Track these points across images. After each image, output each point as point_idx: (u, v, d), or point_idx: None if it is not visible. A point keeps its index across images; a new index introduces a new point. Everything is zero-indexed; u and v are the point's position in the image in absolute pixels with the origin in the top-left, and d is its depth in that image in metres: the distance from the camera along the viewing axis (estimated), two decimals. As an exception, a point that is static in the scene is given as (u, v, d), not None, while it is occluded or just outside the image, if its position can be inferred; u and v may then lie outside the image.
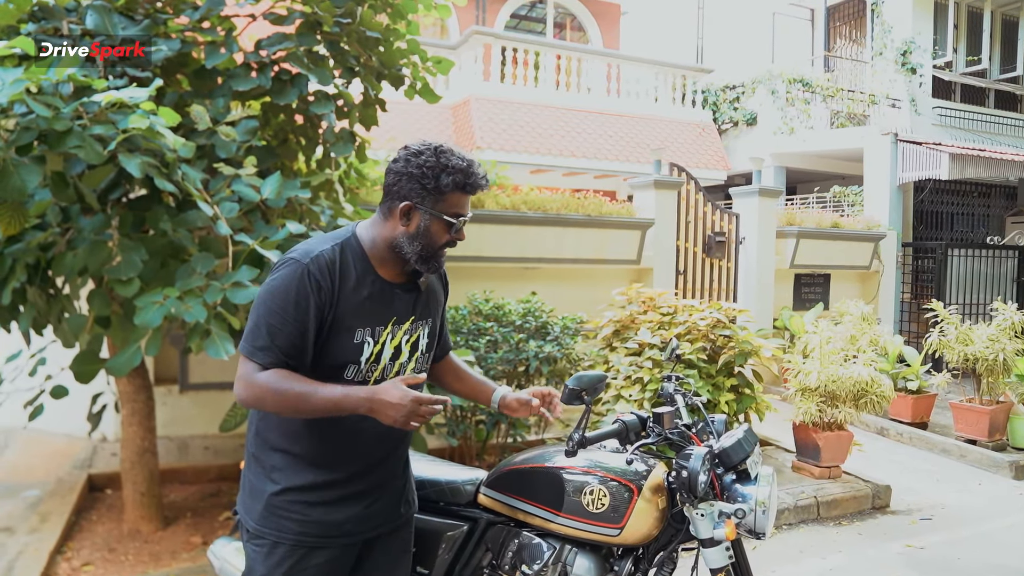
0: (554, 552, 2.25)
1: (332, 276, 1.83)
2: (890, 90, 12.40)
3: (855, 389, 5.38)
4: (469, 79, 11.35)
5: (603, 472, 2.24)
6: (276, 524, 1.91)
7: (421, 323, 2.04)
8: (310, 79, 4.01)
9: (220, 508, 4.71)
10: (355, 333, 1.87)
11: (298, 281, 1.80)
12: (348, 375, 1.89)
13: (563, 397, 2.12)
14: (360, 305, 1.87)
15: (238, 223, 3.54)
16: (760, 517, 2.12)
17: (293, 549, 1.90)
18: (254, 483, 1.97)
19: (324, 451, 1.92)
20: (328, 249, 1.86)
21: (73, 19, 3.57)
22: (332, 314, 1.83)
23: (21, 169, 2.87)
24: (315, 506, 1.91)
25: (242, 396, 1.81)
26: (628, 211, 7.96)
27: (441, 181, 1.84)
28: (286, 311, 1.79)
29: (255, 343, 1.80)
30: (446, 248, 1.94)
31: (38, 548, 3.89)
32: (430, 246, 1.90)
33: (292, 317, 1.79)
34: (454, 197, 1.87)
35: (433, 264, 1.93)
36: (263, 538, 1.92)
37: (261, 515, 1.92)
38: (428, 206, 1.86)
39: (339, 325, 1.84)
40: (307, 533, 1.91)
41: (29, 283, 3.45)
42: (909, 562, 4.37)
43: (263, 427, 1.97)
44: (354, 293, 1.86)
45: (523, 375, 5.22)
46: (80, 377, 3.46)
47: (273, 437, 1.94)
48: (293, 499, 1.91)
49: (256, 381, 1.78)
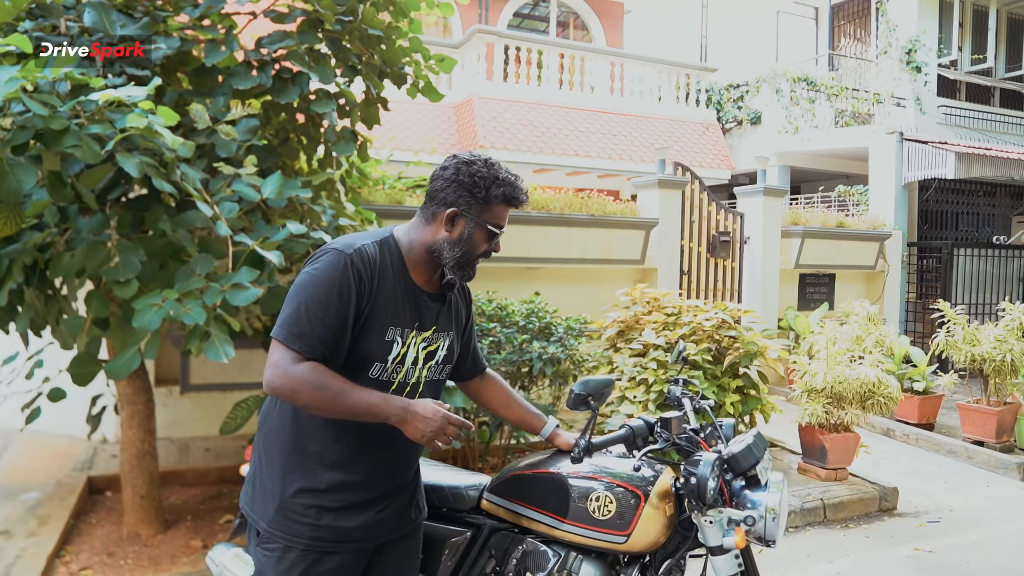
0: (559, 559, 2.20)
1: (373, 270, 1.84)
2: (895, 89, 12.33)
3: (861, 390, 5.33)
4: (472, 78, 11.31)
5: (609, 478, 2.19)
6: (288, 528, 1.88)
7: (442, 335, 2.04)
8: (311, 77, 3.97)
9: (221, 511, 4.67)
10: (387, 330, 1.88)
11: (341, 271, 1.80)
12: (373, 373, 1.88)
13: (569, 402, 2.08)
14: (395, 303, 1.89)
15: (238, 223, 3.50)
16: (770, 524, 2.07)
17: (305, 554, 1.88)
18: (267, 484, 1.93)
19: (342, 454, 1.90)
20: (370, 244, 1.88)
21: (71, 16, 3.53)
22: (369, 308, 1.84)
23: (17, 169, 2.82)
24: (329, 511, 1.89)
25: (275, 384, 1.77)
26: (632, 211, 7.91)
27: (491, 192, 1.89)
28: (329, 300, 1.78)
29: (293, 330, 1.78)
30: (481, 258, 1.96)
31: (36, 552, 3.85)
32: (469, 253, 1.93)
33: (335, 306, 1.78)
34: (499, 209, 1.93)
35: (468, 272, 1.96)
36: (275, 542, 1.90)
37: (274, 518, 1.90)
38: (474, 215, 1.90)
39: (374, 321, 1.85)
40: (320, 538, 1.88)
41: (27, 284, 3.41)
42: (918, 566, 4.32)
43: (279, 428, 1.94)
44: (391, 292, 1.89)
45: (527, 376, 5.17)
46: (78, 379, 3.42)
47: (289, 438, 1.92)
48: (308, 502, 1.88)
49: (294, 372, 1.75)
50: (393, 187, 6.80)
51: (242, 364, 5.86)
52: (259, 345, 4.72)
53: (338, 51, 4.20)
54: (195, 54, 3.99)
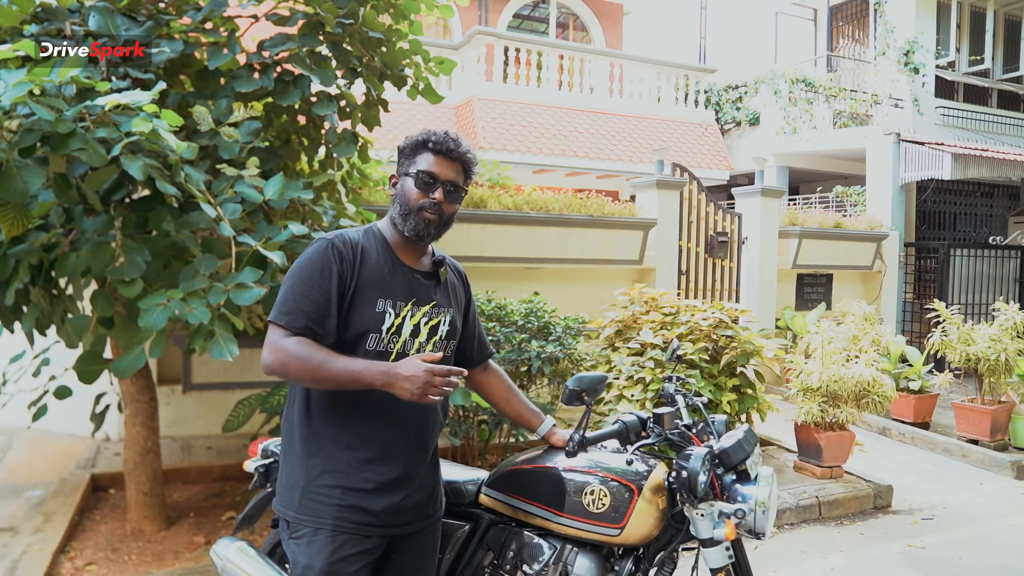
0: (555, 552, 2.26)
1: (355, 251, 1.99)
2: (893, 90, 12.38)
3: (857, 389, 5.38)
4: (472, 79, 11.36)
5: (604, 472, 2.24)
6: (315, 510, 1.96)
7: (443, 310, 2.13)
8: (312, 80, 4.02)
9: (223, 508, 4.73)
10: (376, 302, 1.98)
11: (323, 253, 1.96)
12: (369, 345, 1.97)
13: (564, 398, 2.13)
14: (381, 277, 2.01)
15: (241, 224, 3.55)
16: (760, 517, 2.12)
17: (333, 535, 1.94)
18: (290, 474, 2.03)
19: (356, 433, 1.98)
20: (353, 232, 2.07)
21: (76, 20, 3.58)
22: (354, 283, 1.97)
23: (24, 171, 2.88)
24: (352, 491, 1.96)
25: (267, 361, 1.90)
26: (631, 211, 7.97)
27: (409, 142, 2.08)
28: (312, 279, 1.93)
29: (281, 308, 1.93)
30: (427, 211, 2.03)
31: (42, 548, 3.90)
32: (406, 204, 2.04)
33: (317, 283, 1.93)
34: (423, 157, 2.04)
35: (410, 223, 2.03)
36: (303, 527, 1.97)
37: (299, 503, 1.98)
38: (404, 168, 2.08)
39: (361, 295, 1.97)
40: (345, 519, 1.95)
41: (32, 284, 3.46)
42: (911, 562, 4.37)
43: (297, 420, 2.03)
44: (376, 268, 2.01)
45: (525, 375, 5.22)
46: (84, 377, 3.47)
47: (306, 426, 2.01)
48: (330, 483, 1.96)
49: (281, 345, 1.88)
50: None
51: (244, 363, 5.92)
52: (260, 344, 4.76)
53: (339, 53, 4.25)
54: (198, 57, 4.05)
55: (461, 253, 6.34)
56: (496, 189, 7.43)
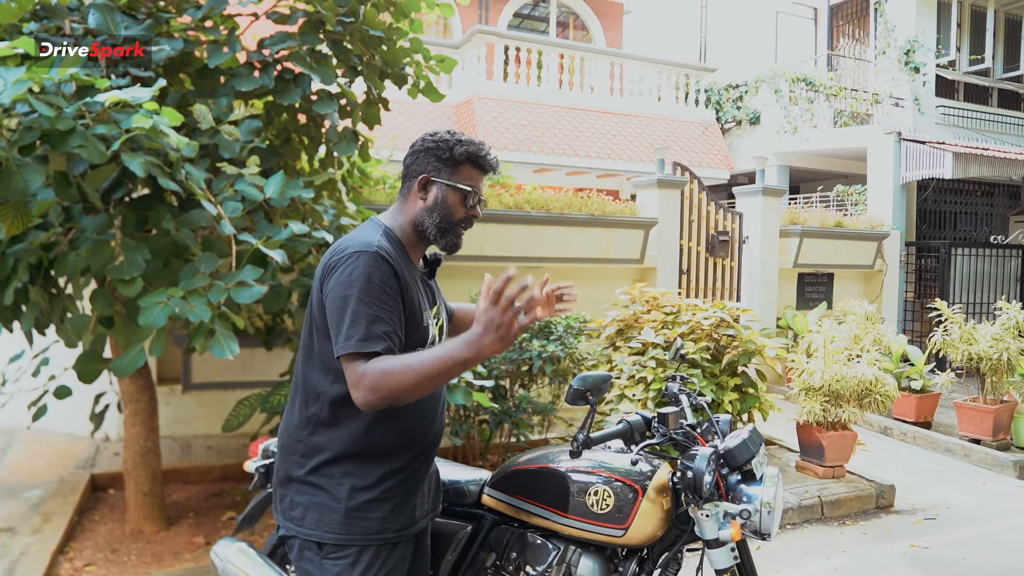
0: (558, 553, 2.24)
1: (398, 263, 1.84)
2: (893, 89, 12.37)
3: (859, 388, 5.37)
4: (472, 78, 11.34)
5: (608, 472, 2.23)
6: (362, 528, 1.87)
7: (442, 307, 2.12)
8: (313, 78, 4.00)
9: (223, 508, 4.71)
10: (422, 316, 1.91)
11: (378, 268, 1.77)
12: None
13: (568, 397, 2.10)
14: (416, 290, 1.92)
15: (241, 223, 3.53)
16: (765, 518, 2.10)
17: (378, 552, 1.89)
18: (323, 500, 1.89)
19: (380, 442, 1.90)
20: (380, 237, 1.86)
21: (75, 18, 3.56)
22: (404, 298, 1.84)
23: (24, 169, 2.86)
24: (390, 500, 1.91)
25: (361, 399, 1.69)
26: (631, 210, 7.95)
27: (455, 151, 1.94)
28: (378, 297, 1.75)
29: (359, 337, 1.70)
30: (463, 225, 1.98)
31: (40, 548, 3.88)
32: (448, 218, 1.95)
33: (386, 301, 1.76)
34: (467, 170, 1.96)
35: (451, 239, 1.97)
36: (347, 548, 1.87)
37: (342, 524, 1.87)
38: (444, 177, 1.94)
39: (411, 311, 1.87)
40: (389, 529, 1.91)
41: (31, 283, 3.45)
42: (914, 562, 4.35)
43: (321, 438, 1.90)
44: (411, 279, 1.91)
45: (526, 375, 5.21)
46: (83, 377, 3.45)
47: (332, 450, 1.89)
48: (372, 497, 1.88)
49: (364, 372, 1.68)
50: (394, 187, 6.83)
51: (244, 363, 5.91)
52: (260, 344, 4.76)
53: (339, 52, 4.23)
54: (198, 55, 4.03)
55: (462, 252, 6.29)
56: (497, 188, 7.41)
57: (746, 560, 2.20)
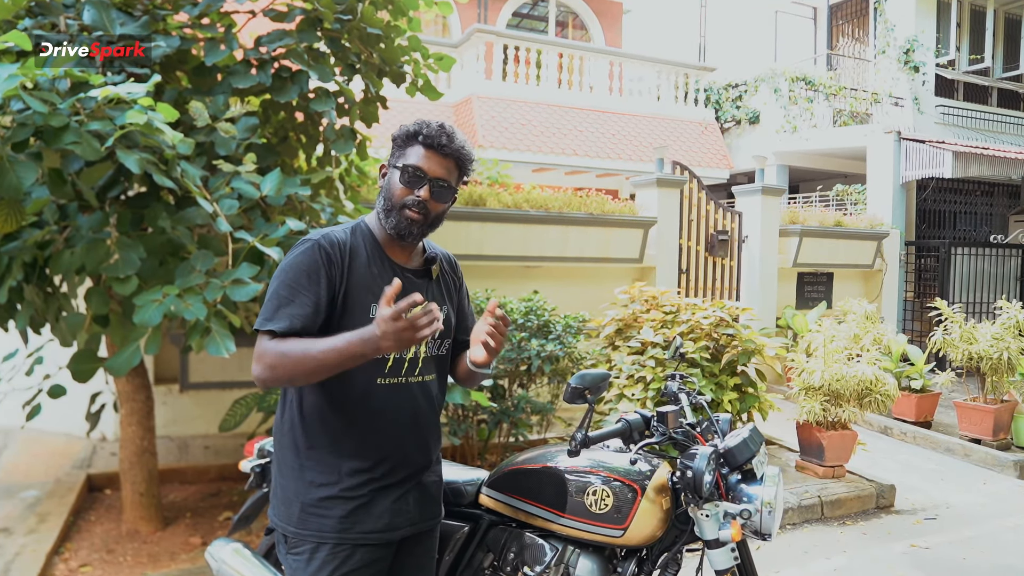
0: (556, 553, 2.21)
1: (343, 252, 1.87)
2: (893, 88, 12.35)
3: (859, 388, 5.35)
4: (471, 77, 11.32)
5: (606, 472, 2.20)
6: (317, 524, 1.86)
7: (443, 310, 2.04)
8: (311, 76, 3.98)
9: (220, 508, 4.69)
10: (370, 309, 1.87)
11: (309, 255, 1.83)
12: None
13: (566, 396, 2.08)
14: (372, 281, 1.89)
15: (238, 221, 3.51)
16: (766, 518, 2.08)
17: (335, 551, 1.85)
18: (286, 487, 1.92)
19: (354, 441, 1.89)
20: (340, 231, 1.93)
21: (71, 15, 3.54)
22: (344, 287, 1.85)
23: (17, 166, 2.84)
24: (353, 500, 1.87)
25: (256, 372, 1.76)
26: (631, 209, 7.93)
27: (401, 132, 1.93)
28: (298, 282, 1.81)
29: (266, 315, 1.80)
30: (411, 208, 1.87)
31: (36, 549, 3.86)
32: (389, 199, 1.91)
33: (304, 288, 1.80)
34: (414, 149, 1.91)
35: (393, 220, 1.89)
36: (304, 543, 1.87)
37: (299, 517, 1.87)
38: (393, 160, 1.94)
39: (352, 299, 1.86)
40: (349, 530, 1.86)
41: (26, 281, 3.42)
42: (914, 562, 4.33)
43: (289, 429, 1.93)
44: (366, 269, 1.89)
45: (525, 374, 5.18)
46: (78, 376, 3.42)
47: (301, 436, 1.91)
48: (331, 494, 1.86)
49: (265, 350, 1.76)
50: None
51: (241, 362, 5.88)
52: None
53: (337, 50, 4.21)
54: (194, 53, 4.00)
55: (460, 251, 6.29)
56: (495, 187, 7.39)
57: (746, 561, 2.17)
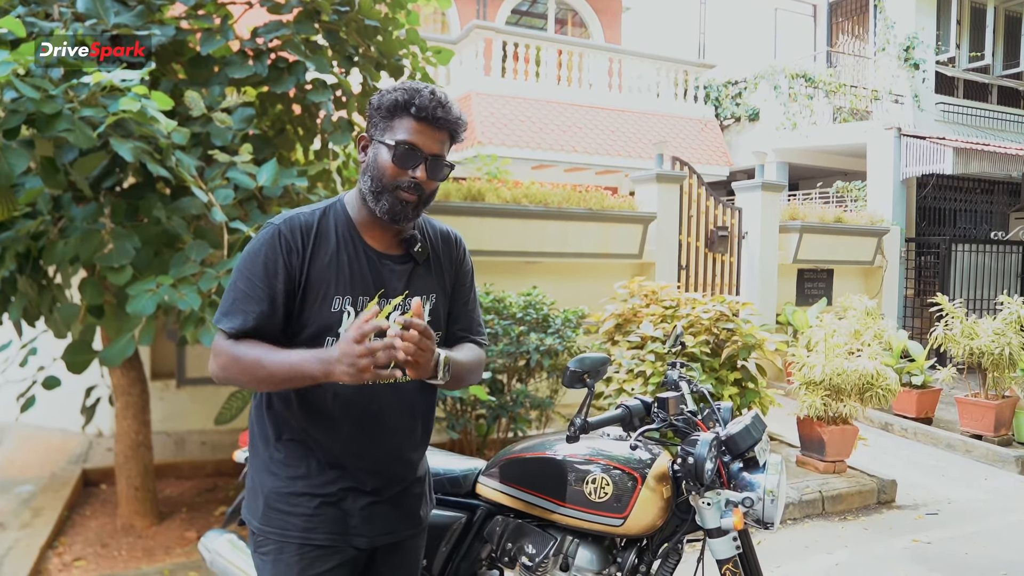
0: (555, 543, 2.18)
1: (305, 239, 1.71)
2: (893, 86, 12.31)
3: (860, 382, 5.31)
4: (470, 74, 11.28)
5: (606, 460, 2.17)
6: (281, 521, 1.75)
7: (423, 298, 1.82)
8: (308, 67, 3.94)
9: (216, 503, 4.65)
10: (332, 300, 1.72)
11: (268, 243, 1.69)
12: (327, 347, 1.68)
13: (565, 380, 2.04)
14: (339, 270, 1.72)
15: (234, 212, 3.47)
16: (768, 506, 2.05)
17: (301, 549, 1.74)
18: (254, 479, 1.82)
19: (323, 436, 1.76)
20: (307, 213, 1.76)
21: (64, 3, 3.50)
22: (304, 277, 1.70)
23: (8, 153, 2.80)
24: (318, 497, 1.75)
25: (211, 369, 1.69)
26: (630, 205, 7.89)
27: (384, 100, 1.70)
28: (255, 274, 1.68)
29: (222, 310, 1.70)
30: (404, 189, 1.70)
31: (29, 543, 3.83)
32: (379, 179, 1.70)
33: (260, 279, 1.68)
34: (403, 121, 1.69)
35: (384, 203, 1.71)
36: (268, 542, 1.76)
37: (264, 513, 1.77)
38: (378, 133, 1.72)
39: (314, 290, 1.71)
40: (316, 530, 1.74)
41: (20, 272, 3.39)
42: (916, 557, 4.30)
43: (258, 420, 1.83)
44: (332, 258, 1.73)
45: (524, 368, 5.15)
46: (72, 367, 3.38)
47: (271, 428, 1.80)
48: (297, 490, 1.75)
49: (220, 349, 1.67)
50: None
51: (238, 357, 5.84)
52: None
53: (335, 42, 4.17)
54: (190, 44, 3.96)
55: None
56: (494, 182, 7.35)
57: (748, 550, 2.14)
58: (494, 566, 2.38)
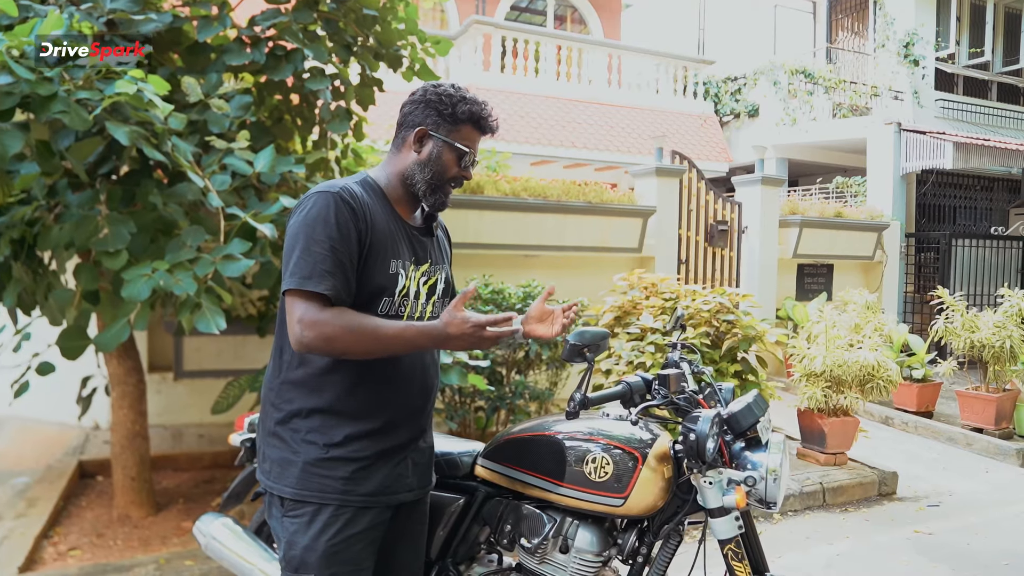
0: (555, 524, 2.15)
1: (363, 205, 1.80)
2: (892, 82, 12.30)
3: (861, 374, 5.29)
4: (469, 69, 11.26)
5: (606, 439, 2.14)
6: (319, 484, 1.81)
7: (437, 268, 2.02)
8: (306, 55, 3.91)
9: (214, 494, 4.62)
10: (390, 263, 1.84)
11: (335, 207, 1.74)
12: (382, 309, 1.83)
13: (564, 354, 2.02)
14: (391, 236, 1.86)
15: (230, 199, 3.44)
16: (771, 486, 2.01)
17: (338, 511, 1.81)
18: (285, 454, 1.85)
19: (360, 403, 1.85)
20: (353, 183, 1.85)
21: (60, -13, 3.47)
22: (369, 241, 1.79)
23: (3, 135, 2.77)
24: (356, 462, 1.83)
25: (308, 337, 1.68)
26: (630, 199, 7.87)
27: (458, 109, 1.88)
28: (331, 237, 1.72)
29: (305, 274, 1.70)
30: (452, 184, 1.94)
31: (24, 533, 3.80)
32: (440, 175, 1.90)
33: (338, 243, 1.73)
34: (467, 129, 1.91)
35: (439, 196, 1.92)
36: (304, 504, 1.82)
37: (299, 478, 1.82)
38: (442, 133, 1.89)
39: (376, 254, 1.81)
40: (352, 492, 1.82)
41: (14, 258, 3.36)
42: (918, 547, 4.27)
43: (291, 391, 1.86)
44: (384, 224, 1.85)
45: (523, 360, 5.12)
46: (67, 353, 3.35)
47: (299, 401, 1.85)
48: (335, 455, 1.82)
49: (321, 319, 1.68)
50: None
51: (236, 349, 5.82)
52: (254, 331, 4.67)
53: (333, 31, 4.14)
54: (188, 32, 3.93)
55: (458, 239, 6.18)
56: (493, 176, 7.33)
57: (750, 531, 2.10)
58: (492, 549, 2.36)
